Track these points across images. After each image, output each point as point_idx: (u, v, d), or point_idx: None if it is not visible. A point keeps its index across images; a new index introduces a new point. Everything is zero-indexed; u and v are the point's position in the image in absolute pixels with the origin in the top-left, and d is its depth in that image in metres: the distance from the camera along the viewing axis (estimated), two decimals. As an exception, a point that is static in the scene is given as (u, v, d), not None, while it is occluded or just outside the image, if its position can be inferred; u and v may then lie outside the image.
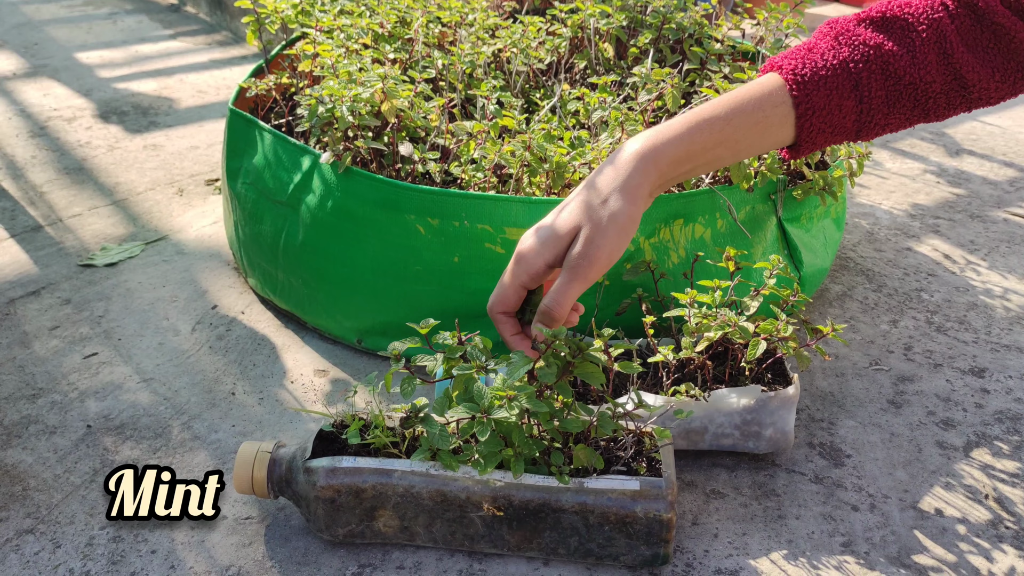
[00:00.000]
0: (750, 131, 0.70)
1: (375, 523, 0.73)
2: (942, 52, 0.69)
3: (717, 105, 0.71)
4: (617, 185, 0.69)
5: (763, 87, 0.71)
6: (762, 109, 0.70)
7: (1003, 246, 1.30)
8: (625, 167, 0.69)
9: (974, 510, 0.82)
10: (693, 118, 0.71)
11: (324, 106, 0.98)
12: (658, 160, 0.69)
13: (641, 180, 0.69)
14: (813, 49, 0.71)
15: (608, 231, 0.68)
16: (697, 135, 0.70)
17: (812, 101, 0.69)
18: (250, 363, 1.01)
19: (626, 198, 0.69)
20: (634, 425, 0.76)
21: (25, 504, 0.81)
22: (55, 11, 2.50)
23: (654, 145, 0.70)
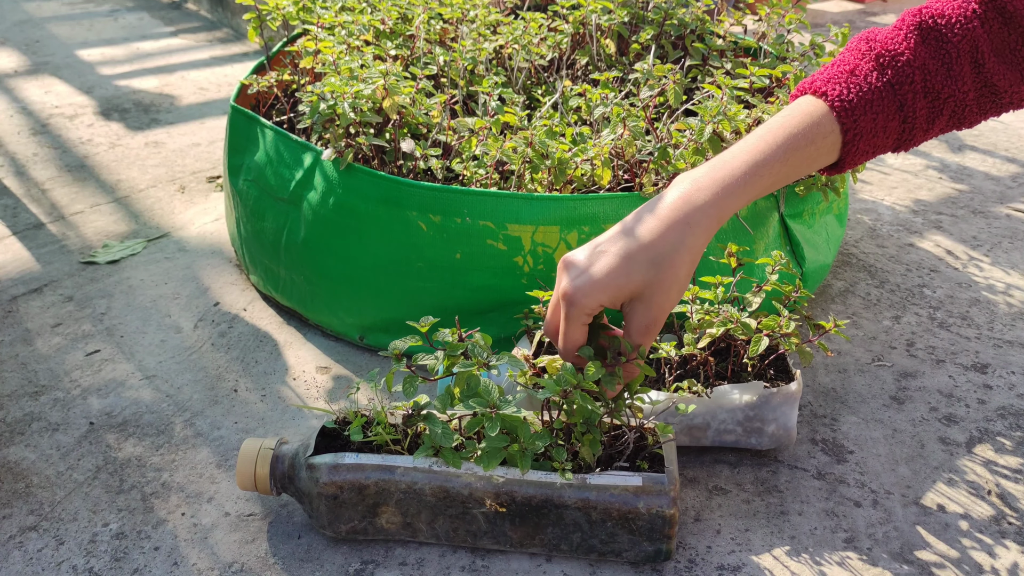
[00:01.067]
0: (801, 166, 0.69)
1: (378, 519, 0.73)
2: (974, 63, 0.69)
3: (772, 145, 0.68)
4: (685, 245, 0.66)
5: (811, 118, 0.69)
6: (814, 143, 0.69)
7: (1005, 242, 1.29)
8: (693, 225, 0.66)
9: (977, 506, 0.82)
10: (753, 165, 0.68)
11: (326, 103, 0.98)
12: (722, 216, 0.68)
13: (705, 240, 0.67)
14: (856, 72, 0.69)
15: (674, 297, 0.68)
16: (758, 184, 0.68)
17: (859, 126, 0.68)
18: (252, 360, 1.01)
19: (692, 260, 0.67)
20: (636, 421, 0.76)
21: (28, 501, 0.81)
22: (56, 8, 2.50)
23: (718, 201, 0.67)
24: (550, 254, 0.92)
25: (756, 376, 0.85)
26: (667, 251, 0.66)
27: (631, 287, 0.66)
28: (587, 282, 0.67)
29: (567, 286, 0.67)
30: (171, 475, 0.84)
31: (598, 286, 0.66)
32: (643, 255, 0.66)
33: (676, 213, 0.66)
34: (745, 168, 0.68)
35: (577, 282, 0.67)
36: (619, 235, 0.68)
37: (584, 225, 0.92)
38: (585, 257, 0.68)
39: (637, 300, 0.67)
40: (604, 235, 0.69)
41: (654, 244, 0.66)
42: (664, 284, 0.66)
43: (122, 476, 0.84)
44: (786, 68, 1.05)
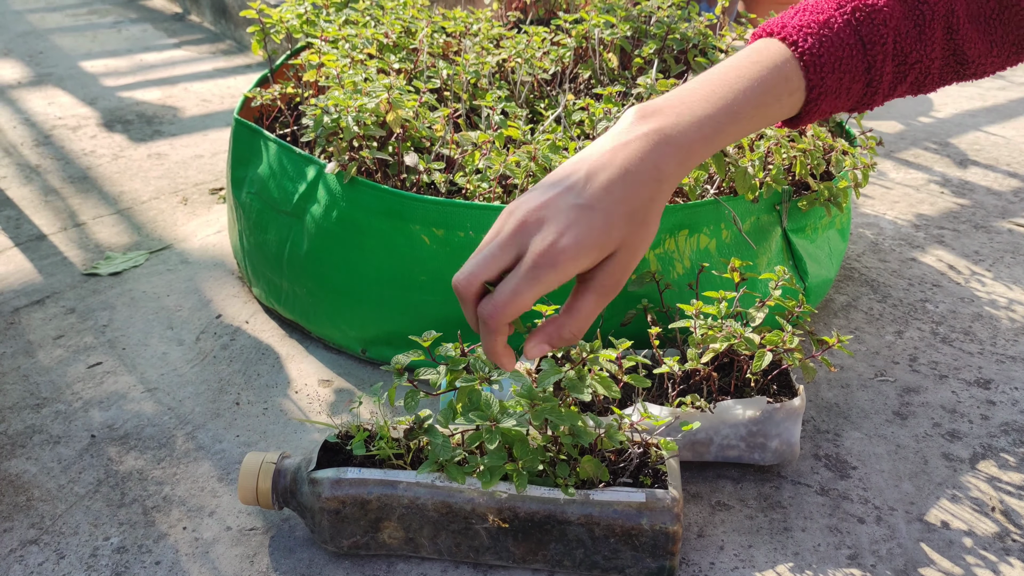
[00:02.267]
0: (763, 122, 0.65)
1: (380, 535, 0.73)
2: (948, 28, 0.66)
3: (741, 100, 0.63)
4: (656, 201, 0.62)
5: (779, 72, 0.64)
6: (779, 100, 0.65)
7: (1008, 257, 1.30)
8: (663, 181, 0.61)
9: (981, 523, 0.81)
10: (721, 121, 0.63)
11: (329, 116, 0.98)
12: (688, 170, 0.63)
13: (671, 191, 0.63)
14: (829, 24, 0.65)
15: (643, 252, 0.62)
16: (721, 141, 0.64)
17: (826, 85, 0.65)
18: (254, 373, 1.01)
19: (660, 212, 0.62)
20: (639, 437, 0.76)
21: (29, 514, 0.80)
22: (60, 20, 2.51)
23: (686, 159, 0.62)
24: (553, 268, 0.92)
25: (759, 391, 0.85)
26: (642, 208, 0.60)
27: (611, 246, 0.60)
28: (571, 242, 0.58)
29: (546, 244, 0.58)
30: (172, 489, 0.84)
31: (580, 247, 0.58)
32: (621, 210, 0.60)
33: (649, 167, 0.61)
34: (713, 123, 0.63)
35: (560, 241, 0.58)
36: (588, 186, 0.60)
37: (587, 239, 0.92)
38: (559, 209, 0.59)
39: (609, 258, 0.61)
40: (566, 179, 0.60)
41: (629, 201, 0.60)
42: (639, 240, 0.61)
43: (123, 489, 0.84)
44: (789, 83, 1.05)
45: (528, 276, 0.58)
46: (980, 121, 1.84)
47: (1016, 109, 1.91)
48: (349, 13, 1.28)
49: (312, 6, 1.26)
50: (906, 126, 1.80)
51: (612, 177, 0.60)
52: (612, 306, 0.95)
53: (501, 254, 0.59)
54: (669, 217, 0.93)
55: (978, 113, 1.88)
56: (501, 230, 0.60)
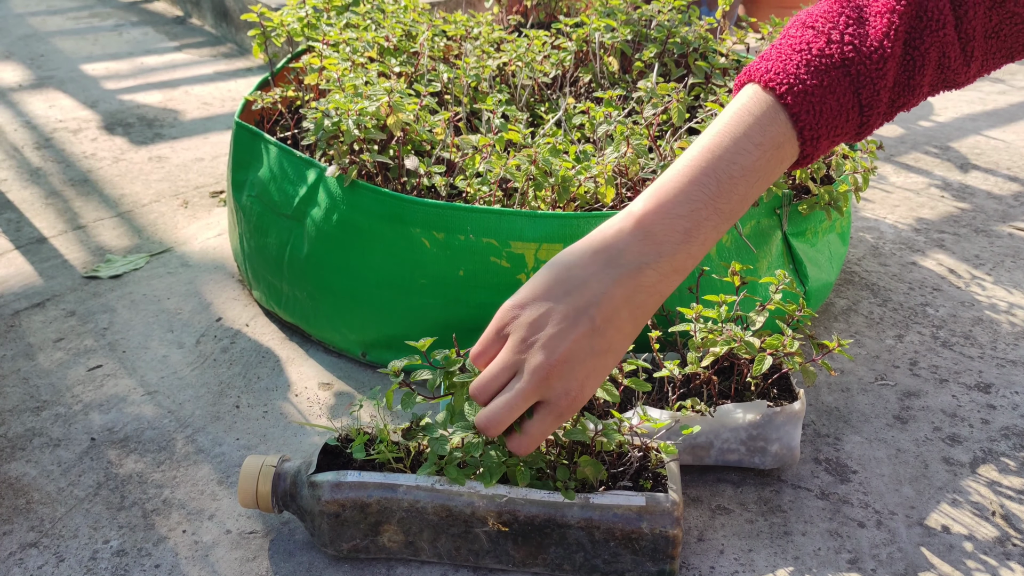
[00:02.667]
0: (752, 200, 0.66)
1: (380, 538, 0.73)
2: (939, 66, 0.65)
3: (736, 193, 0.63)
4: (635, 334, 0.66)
5: (779, 157, 0.64)
6: (770, 180, 0.65)
7: (1008, 261, 1.30)
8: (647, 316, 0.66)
9: (981, 527, 0.81)
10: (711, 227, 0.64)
11: (330, 119, 0.98)
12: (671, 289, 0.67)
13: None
14: (832, 88, 0.63)
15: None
16: (712, 243, 0.65)
17: (818, 151, 0.65)
18: (254, 376, 1.01)
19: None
20: (640, 440, 0.76)
21: (29, 517, 0.80)
22: (61, 23, 2.51)
23: (680, 279, 0.65)
24: (553, 272, 0.92)
25: (759, 395, 0.85)
26: (628, 342, 0.66)
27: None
28: (592, 388, 0.65)
29: (575, 397, 0.64)
30: (172, 492, 0.84)
31: (597, 387, 0.66)
32: (628, 346, 0.66)
33: (656, 299, 0.65)
34: (713, 233, 0.64)
35: (585, 391, 0.65)
36: (605, 335, 0.64)
37: (587, 243, 0.92)
38: (579, 358, 0.64)
39: None
40: (576, 319, 0.64)
41: (635, 335, 0.66)
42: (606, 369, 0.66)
43: (123, 492, 0.84)
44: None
45: (557, 420, 0.65)
46: (980, 125, 1.84)
47: (1016, 113, 1.92)
48: (350, 17, 1.28)
49: (313, 9, 1.27)
50: (906, 130, 1.80)
51: (625, 321, 0.64)
52: (612, 310, 0.94)
53: (525, 403, 0.65)
54: (669, 221, 0.93)
55: (978, 117, 1.89)
56: (517, 370, 0.65)
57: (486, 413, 0.65)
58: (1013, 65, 2.23)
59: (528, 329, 0.64)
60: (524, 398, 0.64)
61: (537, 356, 0.63)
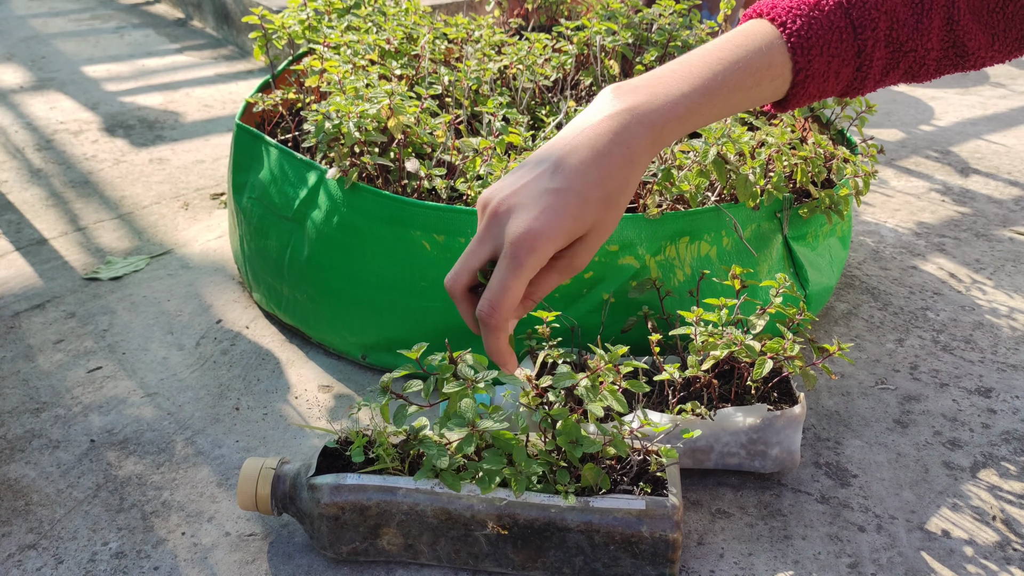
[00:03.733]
0: (743, 104, 0.64)
1: (379, 541, 0.73)
2: (948, 19, 0.64)
3: (718, 79, 0.62)
4: (629, 184, 0.61)
5: (764, 53, 0.63)
6: (760, 84, 0.64)
7: (1009, 265, 1.29)
8: (637, 164, 0.61)
9: (981, 532, 0.81)
10: (695, 101, 0.62)
11: (331, 122, 0.98)
12: (659, 150, 0.63)
13: (642, 173, 0.63)
14: (820, 5, 0.63)
15: (610, 231, 0.63)
16: (696, 122, 0.63)
17: (813, 68, 0.64)
18: (254, 378, 1.01)
19: (631, 195, 0.63)
20: (640, 444, 0.76)
21: (28, 519, 0.80)
22: (63, 25, 2.52)
23: (659, 138, 0.61)
24: (554, 275, 0.92)
25: (760, 399, 0.85)
26: (615, 189, 0.60)
27: (585, 228, 0.60)
28: (548, 226, 0.58)
29: (522, 230, 0.58)
30: (171, 494, 0.84)
31: (558, 229, 0.58)
32: (596, 193, 0.59)
33: (620, 148, 0.60)
34: (687, 102, 0.62)
35: (537, 225, 0.58)
36: (561, 169, 0.59)
37: (588, 246, 0.91)
38: (532, 194, 0.59)
39: (579, 240, 0.61)
40: (536, 167, 0.60)
41: (603, 183, 0.60)
42: (609, 222, 0.61)
43: (122, 494, 0.83)
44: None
45: (511, 265, 0.58)
46: (981, 129, 1.84)
47: (1017, 117, 1.92)
48: (351, 19, 1.28)
49: (314, 12, 1.27)
50: (907, 134, 1.81)
51: (584, 159, 0.59)
52: (613, 313, 0.95)
53: (479, 249, 0.60)
54: (670, 224, 0.94)
55: (979, 121, 1.89)
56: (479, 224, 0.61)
57: (448, 276, 0.62)
58: (1014, 69, 2.23)
59: (497, 198, 0.61)
60: (477, 240, 0.60)
61: (489, 206, 0.60)
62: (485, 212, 0.61)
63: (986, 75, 2.18)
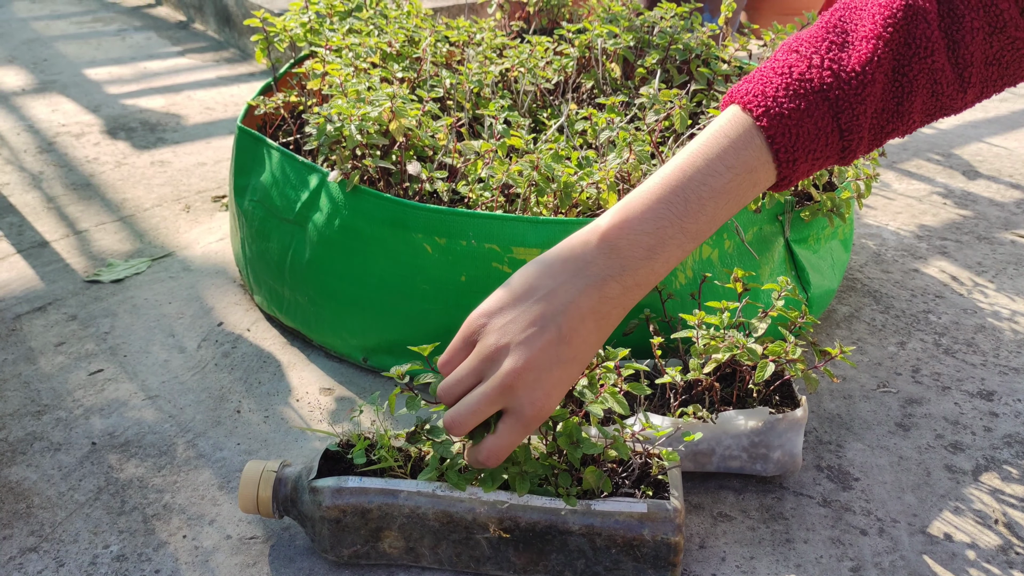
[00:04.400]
0: (724, 220, 0.66)
1: (380, 544, 0.73)
2: (932, 93, 0.64)
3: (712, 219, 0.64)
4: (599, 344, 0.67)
5: (751, 178, 0.63)
6: (743, 200, 0.65)
7: (1011, 268, 1.29)
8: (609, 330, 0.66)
9: (984, 535, 0.81)
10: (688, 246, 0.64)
11: (332, 125, 0.98)
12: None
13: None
14: (810, 111, 0.62)
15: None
16: (677, 261, 0.65)
17: (796, 174, 0.64)
18: (256, 381, 1.01)
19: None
20: (641, 447, 0.75)
21: (29, 522, 0.80)
22: (64, 27, 2.52)
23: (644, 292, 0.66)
24: (555, 277, 0.92)
25: (761, 402, 0.85)
26: (591, 351, 0.66)
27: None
28: (558, 399, 0.65)
29: (537, 404, 0.64)
30: (173, 497, 0.84)
31: (562, 398, 0.66)
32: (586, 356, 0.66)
33: (619, 312, 0.66)
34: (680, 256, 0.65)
35: (550, 401, 0.64)
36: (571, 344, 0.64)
37: (589, 249, 0.91)
38: (544, 367, 0.63)
39: None
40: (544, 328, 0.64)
41: (599, 345, 0.66)
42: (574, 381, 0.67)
43: (123, 497, 0.83)
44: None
45: (522, 431, 0.65)
46: (983, 132, 1.84)
47: (1019, 120, 1.92)
48: (353, 22, 1.28)
49: (316, 15, 1.27)
50: (908, 137, 1.80)
51: (590, 331, 0.64)
52: (614, 316, 0.94)
53: (489, 407, 0.65)
54: (671, 227, 0.93)
55: (980, 124, 1.89)
56: (484, 376, 0.65)
57: (451, 412, 0.65)
58: (1015, 72, 2.23)
59: (495, 335, 0.64)
60: (488, 402, 0.64)
61: (503, 362, 0.64)
62: (479, 338, 0.66)
63: (987, 78, 2.18)
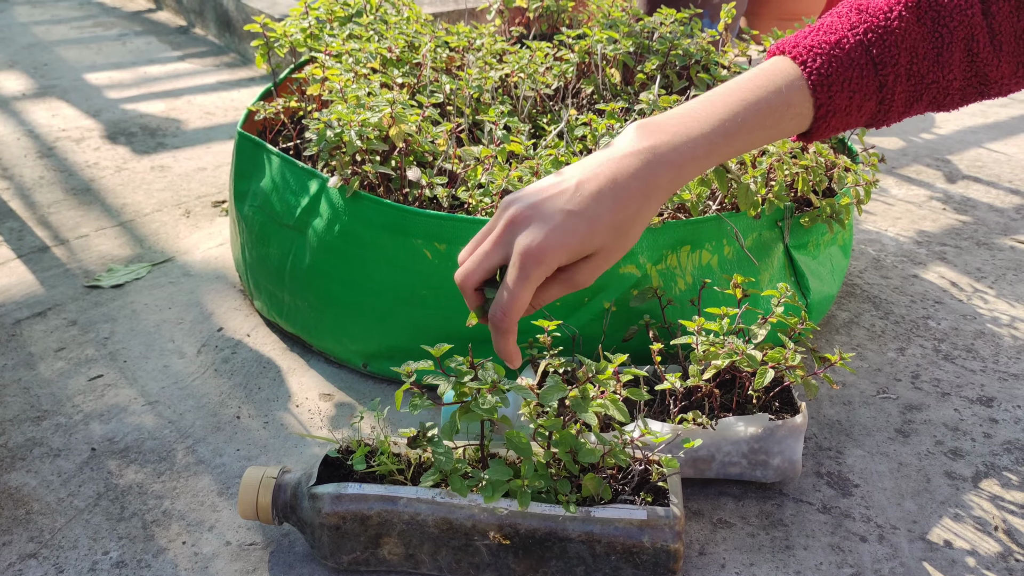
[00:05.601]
0: (765, 140, 0.67)
1: (380, 550, 0.73)
2: (968, 51, 0.66)
3: (739, 117, 0.65)
4: (642, 216, 0.65)
5: (784, 92, 0.66)
6: (781, 123, 0.66)
7: (1010, 274, 1.29)
8: (652, 199, 0.65)
9: (983, 542, 0.81)
10: (716, 140, 0.65)
11: (332, 130, 0.98)
12: (678, 188, 0.67)
13: (659, 207, 0.67)
14: (841, 44, 0.66)
15: (618, 259, 0.67)
16: (716, 159, 0.66)
17: (834, 104, 0.66)
18: (255, 386, 1.01)
19: (644, 226, 0.66)
20: (641, 453, 0.75)
21: (28, 528, 0.80)
22: (65, 32, 2.52)
23: (677, 177, 0.65)
24: (555, 283, 0.92)
25: (761, 408, 0.85)
26: (627, 220, 0.64)
27: (590, 250, 0.65)
28: (555, 243, 0.63)
29: (532, 243, 0.63)
30: (172, 503, 0.84)
31: (564, 248, 0.63)
32: (607, 220, 0.64)
33: (638, 183, 0.65)
34: (708, 143, 0.65)
35: (545, 241, 0.63)
36: (578, 193, 0.64)
37: (589, 255, 0.91)
38: (547, 212, 0.64)
39: (586, 259, 0.65)
40: (558, 184, 0.65)
41: (615, 212, 0.64)
42: (617, 249, 0.65)
43: (123, 503, 0.83)
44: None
45: (519, 276, 0.63)
46: (982, 138, 1.84)
47: (1018, 126, 1.92)
48: (353, 27, 1.28)
49: (316, 20, 1.27)
50: (907, 142, 1.81)
51: (601, 187, 0.64)
52: (614, 322, 0.94)
53: (493, 251, 0.65)
54: (671, 233, 0.94)
55: (979, 130, 1.89)
56: (495, 226, 0.65)
57: (461, 268, 0.67)
58: (1014, 78, 2.23)
59: (515, 200, 0.66)
60: (493, 243, 0.65)
61: (507, 213, 0.65)
62: (504, 215, 0.65)
63: (987, 83, 2.19)
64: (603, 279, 0.93)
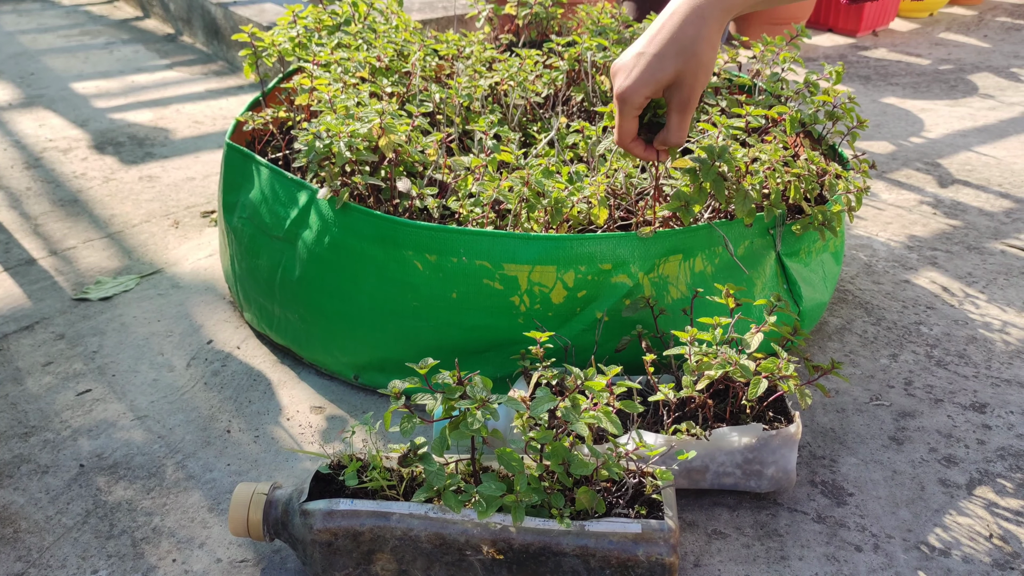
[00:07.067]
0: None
1: (373, 567, 0.72)
2: None
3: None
4: (702, 35, 0.79)
5: None
6: None
7: (1001, 278, 1.29)
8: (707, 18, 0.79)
9: (978, 550, 0.81)
10: None
11: (321, 141, 0.98)
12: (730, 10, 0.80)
13: (719, 29, 0.80)
14: None
15: (701, 78, 0.81)
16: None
17: None
18: (246, 400, 1.00)
19: (711, 47, 0.80)
20: (635, 465, 0.75)
21: (16, 547, 0.79)
22: (52, 41, 2.51)
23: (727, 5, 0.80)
24: (546, 294, 0.92)
25: (755, 418, 0.84)
26: (688, 42, 0.79)
27: (667, 77, 0.81)
28: (632, 82, 0.82)
29: (618, 89, 0.83)
30: (162, 519, 0.83)
31: (640, 82, 0.81)
32: (670, 49, 0.80)
33: (690, 12, 0.80)
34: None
35: (625, 83, 0.82)
36: (648, 39, 0.81)
37: (581, 264, 0.91)
38: (628, 62, 0.82)
39: (673, 86, 0.82)
40: (639, 41, 0.82)
41: (676, 38, 0.80)
42: (692, 68, 0.80)
43: (112, 520, 0.82)
44: (782, 109, 1.05)
45: (619, 113, 0.85)
46: (971, 141, 1.84)
47: (1006, 129, 1.92)
48: (341, 36, 1.27)
49: (304, 29, 1.26)
50: (897, 146, 1.81)
51: (662, 26, 0.81)
52: (607, 332, 0.94)
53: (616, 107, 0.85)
54: (663, 242, 0.93)
55: (969, 133, 1.89)
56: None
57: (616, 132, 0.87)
58: (1003, 81, 2.24)
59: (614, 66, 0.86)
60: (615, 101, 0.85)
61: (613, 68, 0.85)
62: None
63: (975, 87, 2.19)
64: (595, 289, 0.93)
